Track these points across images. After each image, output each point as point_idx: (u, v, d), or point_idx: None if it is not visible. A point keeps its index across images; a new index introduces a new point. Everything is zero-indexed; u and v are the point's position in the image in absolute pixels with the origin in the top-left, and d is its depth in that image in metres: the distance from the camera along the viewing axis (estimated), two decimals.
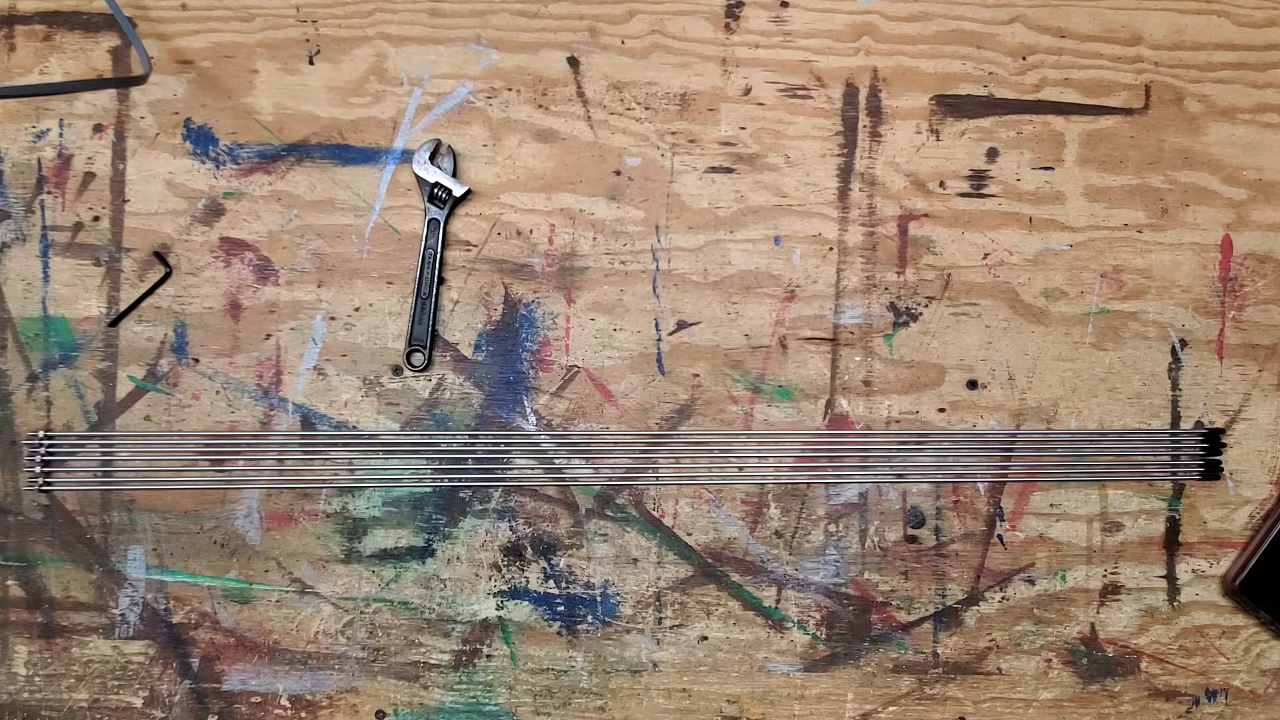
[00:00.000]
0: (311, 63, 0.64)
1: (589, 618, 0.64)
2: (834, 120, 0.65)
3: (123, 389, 0.63)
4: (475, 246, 0.64)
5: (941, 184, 0.65)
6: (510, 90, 0.64)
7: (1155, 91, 0.66)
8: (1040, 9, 0.65)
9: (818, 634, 0.65)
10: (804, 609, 0.64)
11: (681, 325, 0.64)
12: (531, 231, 0.64)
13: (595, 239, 0.64)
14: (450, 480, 0.64)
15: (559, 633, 0.64)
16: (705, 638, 0.64)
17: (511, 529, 0.64)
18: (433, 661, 0.64)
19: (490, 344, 0.64)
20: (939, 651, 0.65)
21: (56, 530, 0.63)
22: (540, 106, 0.64)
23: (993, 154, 0.65)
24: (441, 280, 0.64)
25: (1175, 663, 0.65)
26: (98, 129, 0.63)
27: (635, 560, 0.64)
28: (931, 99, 0.65)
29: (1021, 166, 0.65)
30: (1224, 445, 0.65)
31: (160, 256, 0.63)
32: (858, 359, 0.65)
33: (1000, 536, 0.65)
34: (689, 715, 0.64)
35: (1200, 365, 0.65)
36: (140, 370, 0.63)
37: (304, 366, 0.63)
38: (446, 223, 0.64)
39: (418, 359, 0.64)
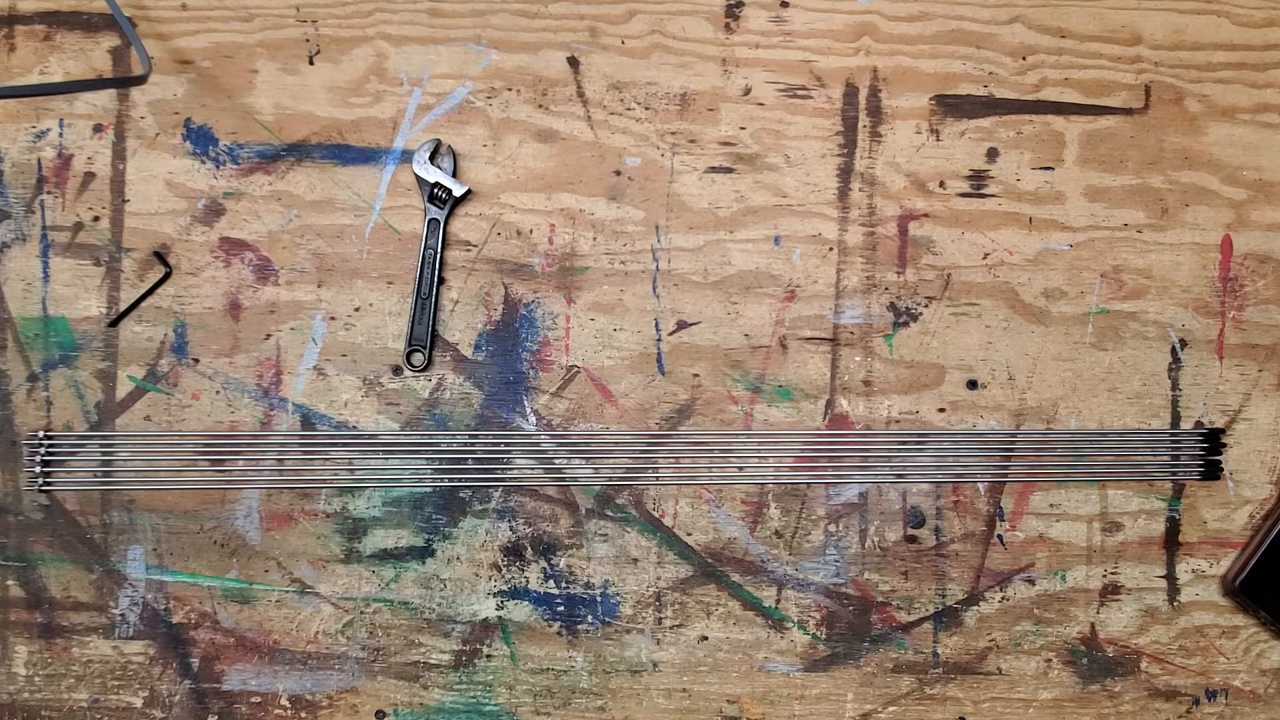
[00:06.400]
0: (311, 63, 0.64)
1: (589, 618, 0.64)
2: (834, 120, 0.65)
3: (123, 389, 0.63)
4: (475, 246, 0.64)
5: (941, 184, 0.65)
6: (510, 90, 0.64)
7: (1155, 91, 0.66)
8: (1040, 9, 0.65)
9: (818, 634, 0.65)
10: (804, 609, 0.64)
11: (681, 325, 0.64)
12: (531, 231, 0.64)
13: (595, 239, 0.64)
14: (450, 480, 0.64)
15: (559, 633, 0.64)
16: (705, 638, 0.64)
17: (511, 529, 0.64)
18: (433, 661, 0.64)
19: (490, 344, 0.64)
20: (939, 651, 0.65)
21: (56, 530, 0.63)
22: (540, 106, 0.64)
23: (993, 154, 0.65)
24: (441, 280, 0.64)
25: (1175, 663, 0.65)
26: (98, 129, 0.63)
27: (635, 560, 0.64)
28: (931, 99, 0.65)
29: (1021, 166, 0.65)
30: (1224, 445, 0.65)
31: (160, 256, 0.63)
32: (858, 359, 0.65)
33: (1000, 536, 0.65)
34: (689, 715, 0.64)
35: (1200, 365, 0.65)
36: (140, 370, 0.63)
37: (304, 366, 0.64)
38: (446, 223, 0.64)
39: (418, 359, 0.64)
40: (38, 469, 0.62)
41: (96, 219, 0.63)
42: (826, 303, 0.65)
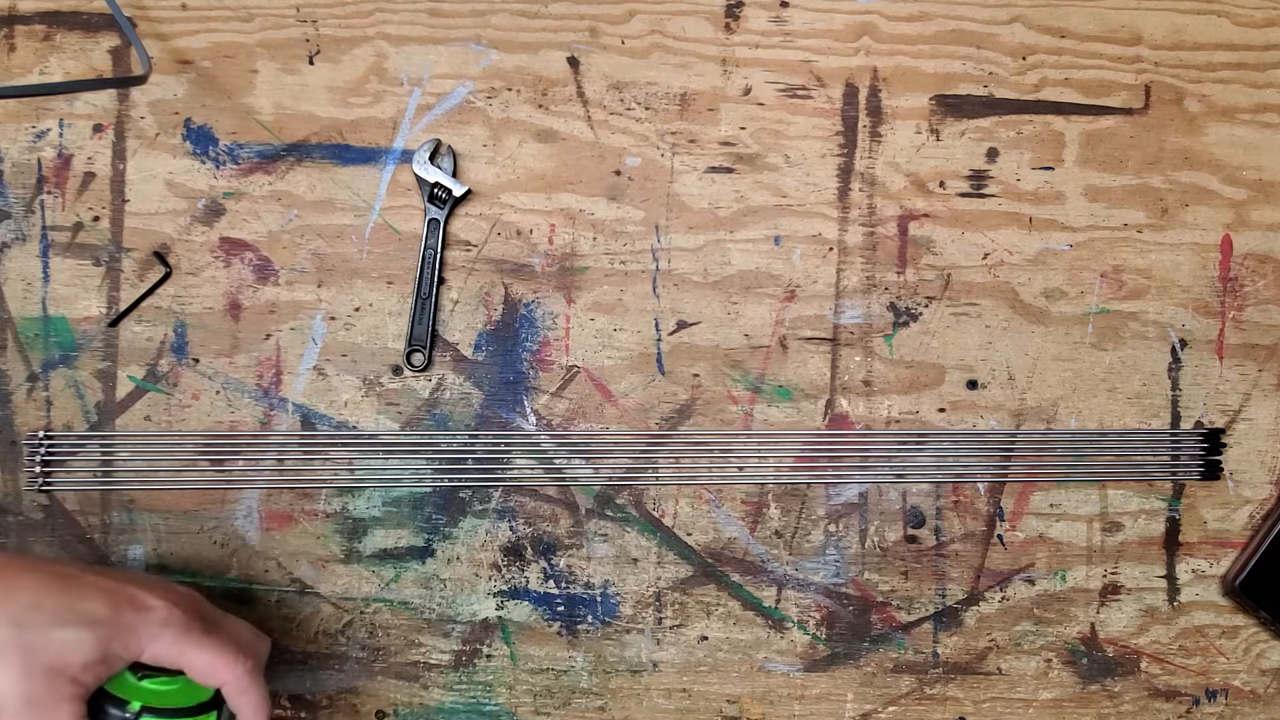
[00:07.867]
0: (311, 63, 0.64)
1: (589, 618, 0.64)
2: (834, 120, 0.65)
3: (123, 389, 0.63)
4: (475, 246, 0.64)
5: (941, 184, 0.65)
6: (510, 90, 0.64)
7: (1155, 91, 0.66)
8: (1040, 9, 0.65)
9: (818, 634, 0.65)
10: (804, 609, 0.64)
11: (681, 325, 0.64)
12: (531, 231, 0.64)
13: (595, 239, 0.64)
14: (450, 480, 0.64)
15: (559, 633, 0.64)
16: (705, 638, 0.64)
17: (511, 529, 0.64)
18: (433, 661, 0.64)
19: (490, 344, 0.64)
20: (939, 651, 0.65)
21: (56, 530, 0.63)
22: (540, 106, 0.64)
23: (993, 154, 0.65)
24: (441, 280, 0.64)
25: (1175, 663, 0.65)
26: (98, 129, 0.63)
27: (635, 560, 0.64)
28: (931, 99, 0.65)
29: (1021, 166, 0.65)
30: (1224, 445, 0.65)
31: (160, 256, 0.63)
32: (858, 359, 0.65)
33: (1000, 536, 0.65)
34: (689, 715, 0.64)
35: (1200, 365, 0.65)
36: (140, 370, 0.63)
37: (304, 366, 0.63)
38: (446, 223, 0.64)
39: (418, 359, 0.64)
40: (38, 469, 0.62)
41: (96, 219, 0.63)
42: (826, 303, 0.65)
